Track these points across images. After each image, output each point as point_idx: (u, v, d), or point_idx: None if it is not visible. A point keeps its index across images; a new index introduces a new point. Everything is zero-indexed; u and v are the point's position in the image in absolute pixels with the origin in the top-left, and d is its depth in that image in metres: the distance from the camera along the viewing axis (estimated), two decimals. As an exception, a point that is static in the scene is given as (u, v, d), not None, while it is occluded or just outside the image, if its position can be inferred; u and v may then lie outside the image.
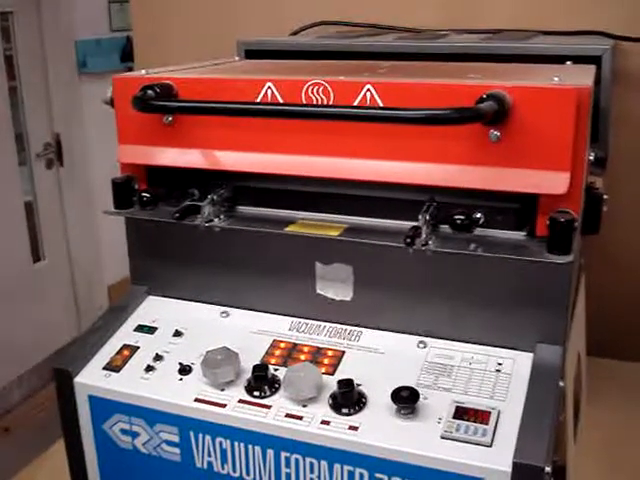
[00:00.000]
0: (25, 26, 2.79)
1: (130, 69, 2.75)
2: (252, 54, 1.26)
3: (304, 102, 0.83)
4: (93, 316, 3.26)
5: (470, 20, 1.41)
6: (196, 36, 1.65)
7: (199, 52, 1.22)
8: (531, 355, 0.82)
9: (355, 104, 0.80)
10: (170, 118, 0.89)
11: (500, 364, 0.82)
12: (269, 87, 0.84)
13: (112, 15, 3.11)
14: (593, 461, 1.13)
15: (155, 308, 0.98)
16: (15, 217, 2.85)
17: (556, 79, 0.77)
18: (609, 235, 0.96)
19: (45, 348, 2.99)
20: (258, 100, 0.85)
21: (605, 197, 0.89)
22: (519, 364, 0.82)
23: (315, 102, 0.82)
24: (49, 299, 3.06)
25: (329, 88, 0.81)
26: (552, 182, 0.75)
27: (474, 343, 0.85)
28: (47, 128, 2.97)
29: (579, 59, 1.05)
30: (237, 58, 1.22)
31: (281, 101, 0.84)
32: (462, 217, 0.78)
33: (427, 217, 0.80)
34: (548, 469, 0.69)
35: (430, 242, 0.79)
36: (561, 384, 0.79)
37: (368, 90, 0.80)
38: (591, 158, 0.88)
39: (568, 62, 1.03)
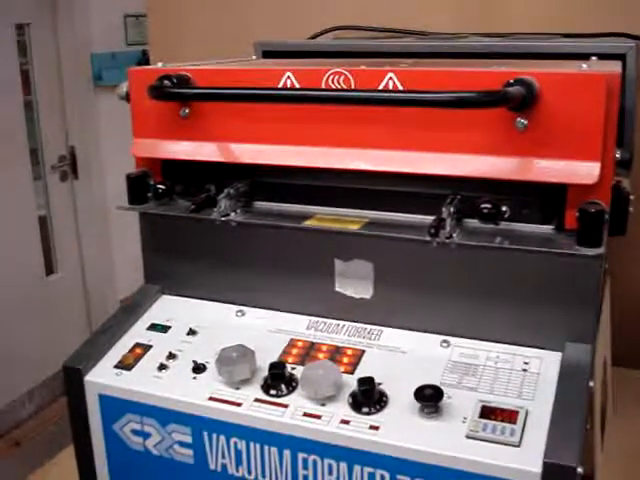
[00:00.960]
0: (41, 39, 2.80)
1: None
2: (270, 55, 1.24)
3: (324, 91, 0.80)
4: (105, 330, 3.22)
5: (487, 24, 1.39)
6: (211, 47, 1.64)
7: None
8: (559, 354, 0.79)
9: (377, 92, 0.78)
10: (187, 110, 0.87)
11: (527, 363, 0.79)
12: (288, 77, 0.82)
13: (128, 29, 3.12)
14: (618, 472, 1.09)
15: (169, 307, 0.95)
16: (29, 230, 2.84)
17: (584, 66, 0.75)
18: (633, 238, 0.93)
19: (56, 362, 2.94)
20: (277, 90, 0.83)
21: (632, 197, 0.86)
22: (547, 363, 0.78)
23: (336, 91, 0.80)
24: (62, 312, 3.03)
25: (350, 77, 0.79)
26: (582, 172, 0.72)
27: (499, 342, 0.82)
28: (62, 141, 2.97)
29: (603, 57, 1.02)
30: (254, 57, 1.20)
31: (301, 90, 0.82)
32: (489, 206, 0.75)
33: (451, 209, 0.77)
34: (580, 470, 0.66)
35: (454, 235, 0.77)
36: (591, 384, 0.76)
37: (390, 79, 0.77)
38: (617, 156, 0.85)
39: (593, 58, 1.00)
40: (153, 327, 0.92)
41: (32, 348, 2.82)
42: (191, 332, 0.90)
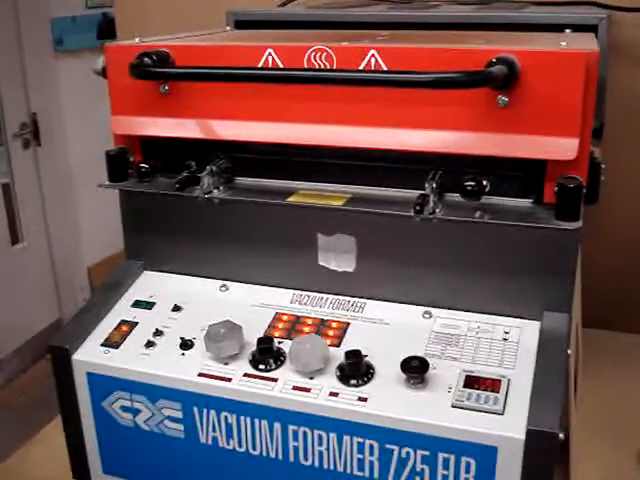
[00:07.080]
0: (-1, 3, 2.72)
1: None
2: (242, 25, 1.23)
3: (307, 68, 0.81)
4: (73, 298, 3.21)
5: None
6: (179, 13, 1.61)
7: (184, 27, 1.19)
8: (537, 323, 0.82)
9: (360, 70, 0.79)
10: (166, 87, 0.86)
11: (507, 333, 0.82)
12: (270, 54, 0.82)
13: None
14: (591, 429, 1.13)
15: (152, 283, 0.96)
16: (-8, 199, 2.80)
17: (564, 44, 0.76)
18: (604, 203, 0.96)
19: (25, 331, 2.95)
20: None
21: (603, 166, 0.89)
22: (526, 332, 0.81)
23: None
24: (28, 281, 3.01)
25: (332, 54, 0.79)
26: (561, 148, 0.74)
27: (480, 312, 0.84)
28: (23, 108, 2.91)
29: (576, 28, 1.04)
30: (228, 28, 1.19)
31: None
32: (473, 183, 0.77)
33: (434, 185, 0.79)
34: (562, 436, 0.69)
35: (437, 210, 0.78)
36: (568, 351, 0.79)
37: (372, 56, 0.78)
38: (591, 127, 0.87)
39: (567, 30, 1.01)
40: (137, 304, 0.93)
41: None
42: (176, 308, 0.91)
